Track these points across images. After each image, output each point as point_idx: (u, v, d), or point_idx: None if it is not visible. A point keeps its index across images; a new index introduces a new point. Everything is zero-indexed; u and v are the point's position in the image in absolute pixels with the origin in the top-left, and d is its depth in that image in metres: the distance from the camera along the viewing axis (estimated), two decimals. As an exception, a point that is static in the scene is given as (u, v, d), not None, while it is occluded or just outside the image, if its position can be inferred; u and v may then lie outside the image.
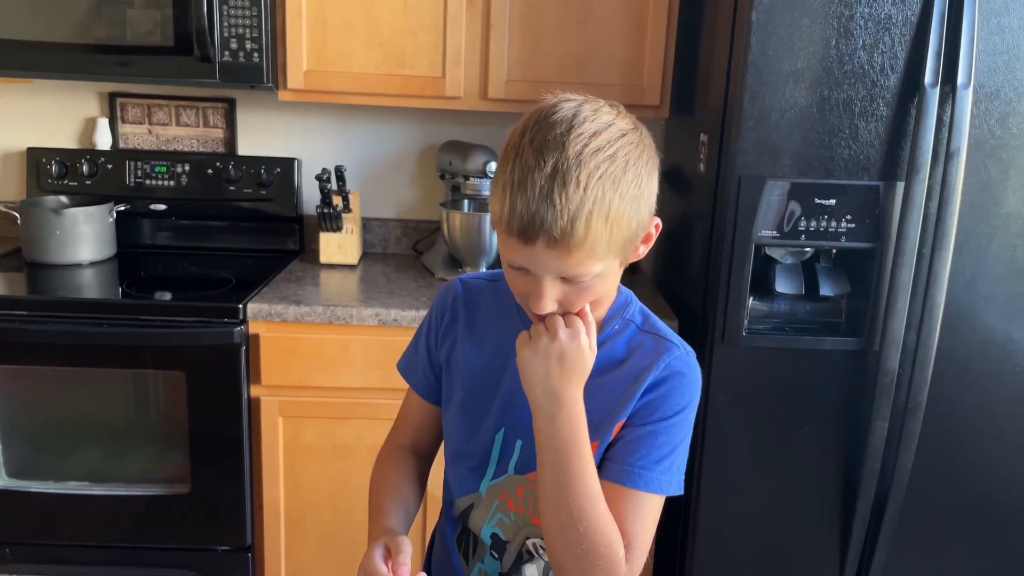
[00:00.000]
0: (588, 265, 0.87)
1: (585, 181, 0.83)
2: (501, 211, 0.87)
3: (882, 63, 1.66)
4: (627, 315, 1.03)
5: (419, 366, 1.13)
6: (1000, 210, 1.73)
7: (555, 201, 0.82)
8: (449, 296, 1.11)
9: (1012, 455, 1.85)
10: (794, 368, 1.81)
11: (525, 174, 0.84)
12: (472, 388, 1.06)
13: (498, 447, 1.04)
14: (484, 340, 1.07)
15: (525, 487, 1.03)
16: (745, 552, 1.89)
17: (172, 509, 2.00)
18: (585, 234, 0.84)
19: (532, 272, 0.89)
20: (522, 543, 1.07)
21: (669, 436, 0.97)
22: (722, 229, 1.77)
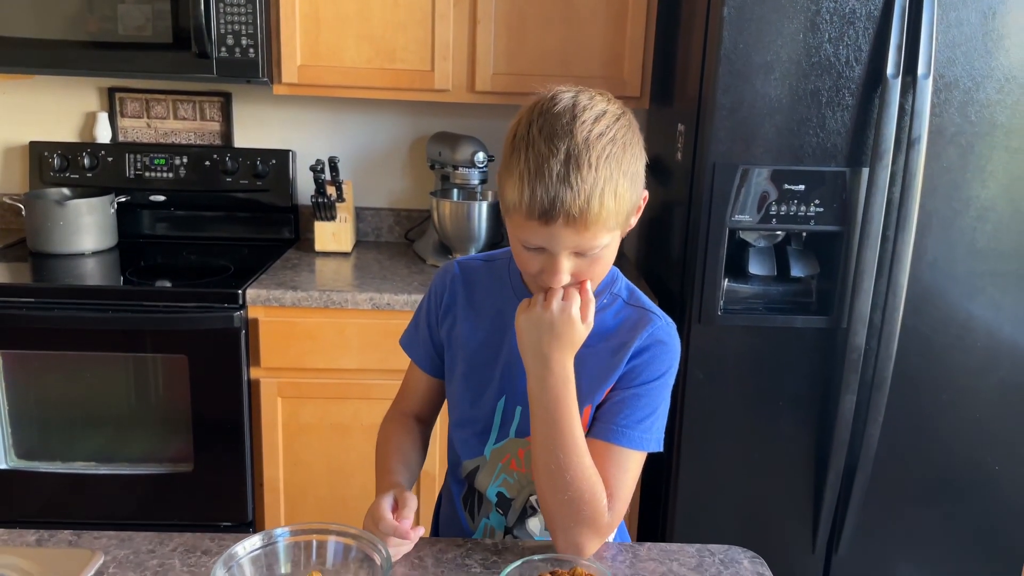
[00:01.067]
0: (600, 237, 0.97)
1: (595, 163, 0.93)
2: (520, 198, 0.94)
3: (847, 55, 1.75)
4: (614, 290, 1.13)
5: (420, 343, 1.21)
6: (960, 194, 1.82)
7: (572, 183, 0.92)
8: (447, 277, 1.19)
9: (973, 426, 1.95)
10: (767, 345, 1.90)
11: (540, 162, 0.93)
12: (473, 362, 1.14)
13: (499, 414, 1.13)
14: (482, 317, 1.15)
15: (526, 449, 1.13)
16: (723, 519, 1.99)
17: (176, 487, 2.09)
18: (599, 210, 0.93)
19: (549, 250, 0.98)
20: (526, 499, 1.16)
21: (651, 398, 1.07)
22: (698, 214, 1.86)
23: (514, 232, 1.00)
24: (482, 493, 1.18)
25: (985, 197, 1.83)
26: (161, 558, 0.98)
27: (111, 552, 0.99)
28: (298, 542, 0.91)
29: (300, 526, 0.91)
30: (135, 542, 1.01)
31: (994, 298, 1.88)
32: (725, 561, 1.03)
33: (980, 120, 1.79)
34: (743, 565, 1.02)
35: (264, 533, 0.89)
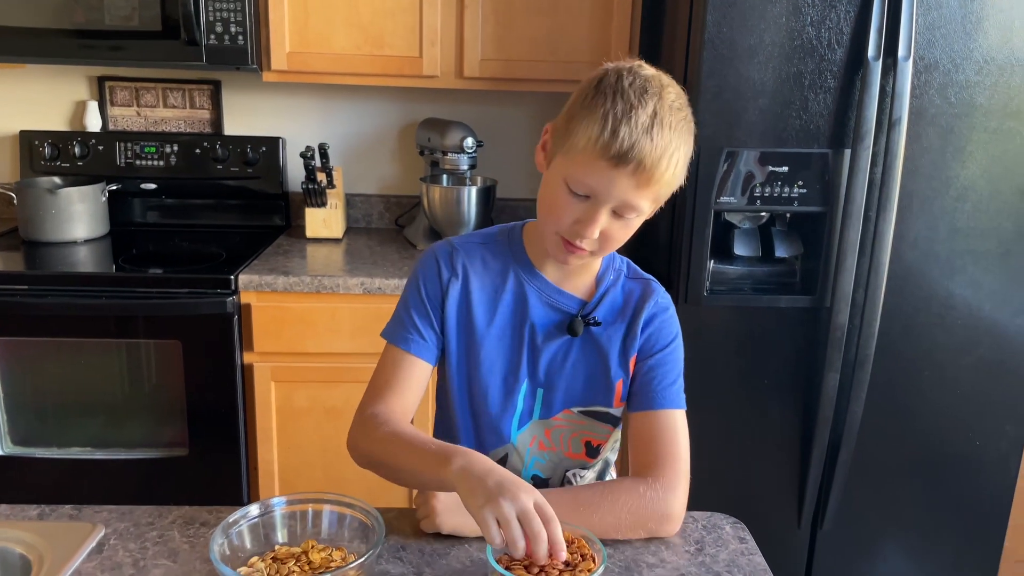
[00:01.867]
0: (648, 199, 1.01)
1: (675, 128, 0.99)
2: (599, 135, 0.97)
3: (829, 38, 1.78)
4: (616, 266, 1.19)
5: (417, 328, 1.13)
6: (940, 175, 1.86)
7: (654, 136, 0.97)
8: (446, 255, 1.15)
9: (954, 402, 1.99)
10: (752, 325, 1.94)
11: (629, 108, 0.97)
12: (492, 347, 1.15)
13: (523, 398, 1.15)
14: (496, 301, 1.14)
15: (552, 429, 1.16)
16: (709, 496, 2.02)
17: (171, 472, 2.11)
18: (664, 171, 0.99)
19: (596, 198, 1.00)
20: (562, 476, 1.20)
21: (674, 361, 1.16)
22: (684, 197, 1.89)
23: (569, 172, 1.00)
24: None
25: (965, 177, 1.86)
26: (161, 530, 1.01)
27: (112, 525, 1.01)
28: (294, 511, 0.94)
29: (296, 495, 0.94)
30: (135, 515, 1.04)
31: (974, 277, 1.91)
32: (707, 527, 1.06)
33: (959, 101, 1.82)
34: (725, 530, 1.06)
35: (261, 503, 0.92)
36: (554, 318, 1.14)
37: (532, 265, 1.15)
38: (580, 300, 1.15)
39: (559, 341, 1.14)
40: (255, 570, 0.87)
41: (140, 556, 0.95)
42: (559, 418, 1.16)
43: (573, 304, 1.15)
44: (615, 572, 0.96)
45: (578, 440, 1.18)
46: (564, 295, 1.15)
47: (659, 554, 1.00)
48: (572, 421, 1.16)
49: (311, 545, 0.91)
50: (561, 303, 1.15)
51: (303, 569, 0.86)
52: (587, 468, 1.21)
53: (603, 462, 1.25)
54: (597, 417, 1.16)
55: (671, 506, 1.04)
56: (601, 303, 1.15)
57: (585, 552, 0.89)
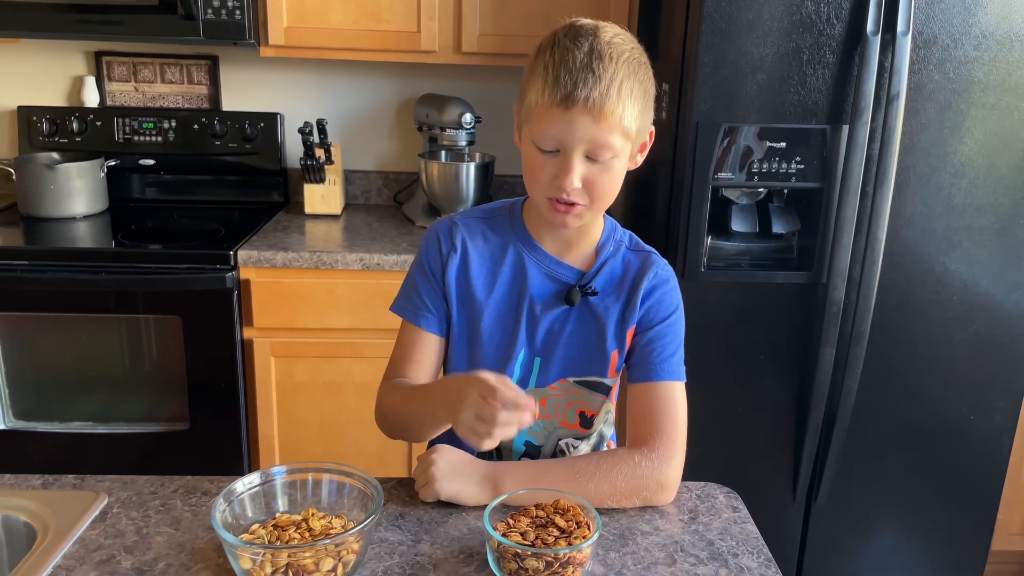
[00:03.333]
0: (614, 135, 1.00)
1: (616, 59, 0.99)
2: (543, 87, 1.00)
3: (828, 13, 1.77)
4: (617, 238, 1.19)
5: (423, 304, 1.17)
6: (938, 150, 1.86)
7: (594, 70, 0.98)
8: (448, 230, 1.18)
9: (948, 378, 2.00)
10: (749, 301, 1.95)
11: (565, 54, 0.99)
12: (495, 318, 1.16)
13: (520, 367, 1.17)
14: (496, 272, 1.17)
15: (548, 397, 1.18)
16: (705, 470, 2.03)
17: (173, 445, 2.13)
18: (616, 101, 0.99)
19: (564, 148, 1.01)
20: (555, 445, 1.21)
21: (674, 333, 1.17)
22: (682, 173, 1.89)
23: (533, 132, 1.03)
24: (505, 446, 1.20)
25: (962, 153, 1.86)
26: (163, 499, 1.02)
27: (114, 494, 1.03)
28: (295, 480, 0.95)
29: (297, 464, 0.96)
30: (137, 484, 1.05)
31: (970, 253, 1.92)
32: (701, 496, 1.08)
33: (958, 77, 1.82)
34: (718, 500, 1.07)
35: (262, 471, 0.94)
36: (552, 288, 1.16)
37: (531, 238, 1.17)
38: (579, 271, 1.16)
39: (557, 311, 1.15)
40: (256, 537, 0.88)
41: (143, 524, 0.97)
42: (555, 387, 1.17)
43: (571, 275, 1.16)
44: (609, 540, 0.97)
45: (572, 410, 1.19)
46: (563, 266, 1.16)
47: (653, 522, 1.01)
48: (567, 390, 1.18)
49: (311, 513, 0.92)
50: (560, 274, 1.16)
51: (303, 536, 0.88)
52: (580, 439, 1.22)
53: (598, 435, 1.26)
54: (591, 387, 1.18)
55: (666, 475, 1.06)
56: (600, 273, 1.16)
57: (580, 520, 0.90)
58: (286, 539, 0.87)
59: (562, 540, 0.87)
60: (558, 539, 0.87)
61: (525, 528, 0.89)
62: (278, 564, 0.81)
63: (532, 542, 0.86)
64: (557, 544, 0.86)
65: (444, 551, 0.94)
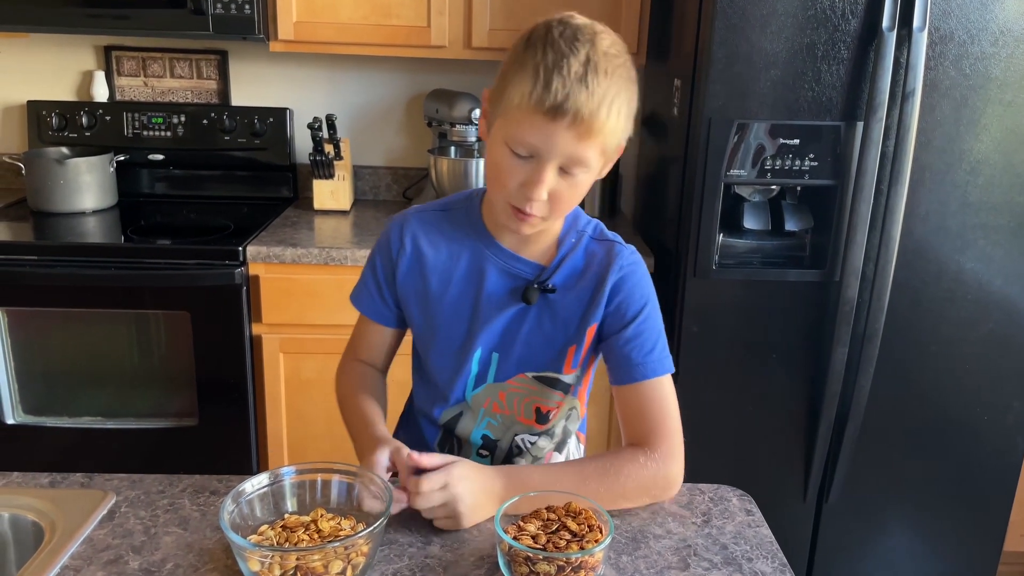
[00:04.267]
0: (594, 151, 0.96)
1: (611, 74, 0.94)
2: (531, 90, 0.93)
3: (843, 8, 1.75)
4: (579, 228, 1.14)
5: (372, 297, 1.19)
6: (953, 148, 1.84)
7: (588, 84, 0.93)
8: (402, 228, 1.15)
9: (962, 377, 1.98)
10: (761, 299, 1.93)
11: (560, 58, 0.93)
12: (450, 314, 1.14)
13: (477, 363, 1.15)
14: (452, 268, 1.13)
15: (507, 392, 1.16)
16: (717, 469, 2.04)
17: (181, 441, 2.13)
18: (605, 120, 0.94)
19: (539, 157, 0.96)
20: (511, 440, 1.19)
21: (650, 326, 1.10)
22: (694, 170, 1.87)
23: (508, 133, 0.97)
24: (463, 438, 1.20)
25: (978, 151, 1.84)
26: (171, 498, 1.02)
27: (122, 493, 1.02)
28: (303, 480, 0.94)
29: (305, 465, 0.95)
30: (146, 483, 1.04)
31: (985, 251, 1.90)
32: (714, 499, 1.06)
33: (974, 73, 1.80)
34: (732, 503, 1.06)
35: (271, 472, 0.93)
36: (510, 285, 1.12)
37: (489, 233, 1.12)
38: (538, 266, 1.12)
39: (514, 308, 1.11)
40: (265, 538, 0.87)
41: (151, 524, 0.96)
42: (513, 382, 1.15)
43: (530, 270, 1.11)
44: (621, 543, 0.96)
45: (529, 405, 1.17)
46: (521, 261, 1.12)
47: (665, 525, 1.00)
48: (525, 385, 1.15)
49: (320, 514, 0.91)
50: (518, 269, 1.12)
51: (312, 538, 0.87)
52: (537, 435, 1.20)
53: (562, 432, 1.23)
54: (548, 383, 1.15)
55: (671, 472, 1.05)
56: (559, 268, 1.11)
57: (592, 523, 0.89)
58: (295, 541, 0.86)
59: (574, 544, 0.85)
60: (570, 543, 0.86)
61: (536, 531, 0.87)
62: (287, 567, 0.80)
63: (544, 546, 0.85)
64: (569, 548, 0.85)
65: (454, 553, 0.93)
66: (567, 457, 1.26)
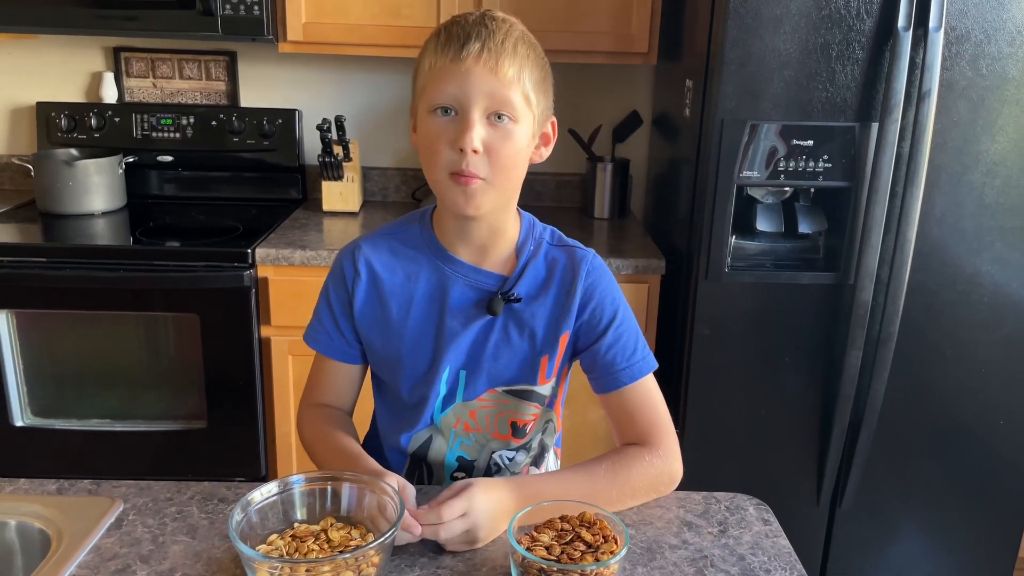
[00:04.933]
0: (515, 92, 0.97)
1: (511, 26, 1.00)
2: (435, 51, 0.98)
3: (857, 7, 1.73)
4: (536, 235, 1.12)
5: (331, 333, 1.14)
6: (970, 149, 1.81)
7: (487, 25, 0.98)
8: (354, 258, 1.12)
9: (978, 381, 1.96)
10: (774, 302, 1.91)
11: (454, 21, 0.99)
12: (413, 338, 1.10)
13: (445, 383, 1.11)
14: (410, 291, 1.10)
15: (477, 410, 1.13)
16: (729, 473, 2.02)
17: (190, 444, 2.12)
18: (513, 55, 0.96)
19: (462, 105, 0.96)
20: (488, 458, 1.16)
21: (626, 329, 1.10)
22: (706, 171, 1.85)
23: (428, 99, 0.98)
24: (433, 464, 1.16)
25: (995, 152, 1.82)
26: (179, 505, 1.00)
27: (130, 500, 1.01)
28: (313, 489, 0.93)
29: (315, 473, 0.93)
30: (154, 490, 1.03)
31: (1001, 254, 1.87)
32: (731, 508, 1.05)
33: (991, 74, 1.77)
34: (748, 512, 1.04)
35: (280, 480, 0.91)
36: (472, 298, 1.09)
37: (444, 249, 1.09)
38: (500, 276, 1.09)
39: (480, 322, 1.09)
40: (274, 548, 0.86)
41: (159, 532, 0.95)
42: (483, 398, 1.12)
43: (492, 282, 1.09)
44: (636, 554, 0.94)
45: (503, 420, 1.14)
46: (482, 273, 1.09)
47: (681, 535, 0.98)
48: (497, 401, 1.12)
49: (330, 523, 0.90)
50: (480, 282, 1.09)
51: (322, 548, 0.86)
52: (514, 450, 1.17)
53: (538, 446, 1.21)
54: (522, 396, 1.12)
55: (675, 469, 1.07)
56: (522, 277, 1.08)
57: (607, 534, 0.87)
58: (304, 551, 0.85)
59: (589, 555, 0.84)
60: (584, 554, 0.84)
61: (550, 542, 0.86)
62: (297, 577, 0.79)
63: (558, 557, 0.83)
64: (584, 559, 0.83)
65: (467, 564, 0.91)
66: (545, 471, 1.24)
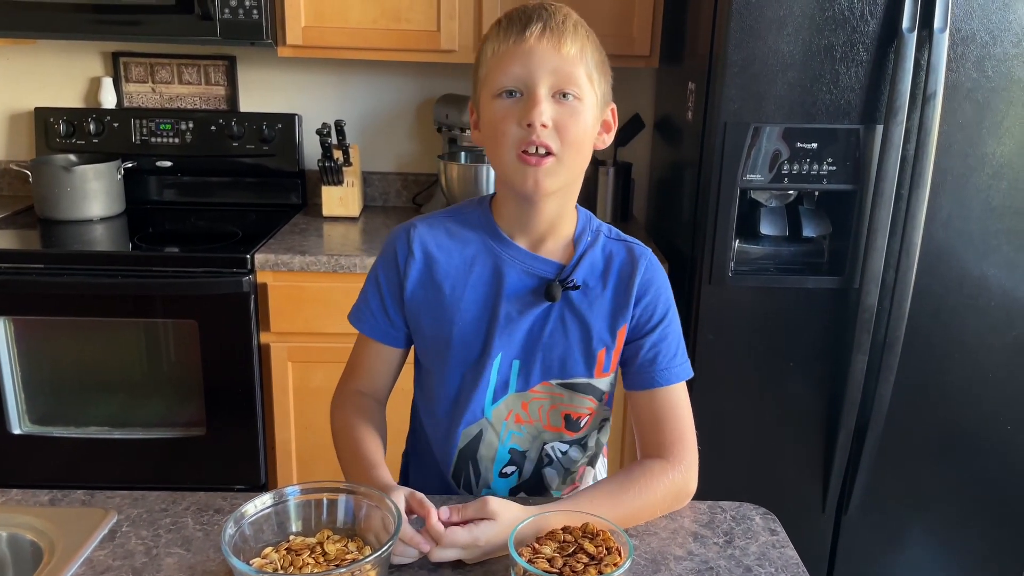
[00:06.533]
0: (579, 68, 0.98)
1: (568, 12, 1.02)
2: (497, 34, 1.00)
3: (862, 9, 1.71)
4: (593, 228, 1.12)
5: (376, 314, 1.13)
6: (975, 151, 1.79)
7: (547, 7, 1.00)
8: (409, 238, 1.11)
9: (984, 385, 1.93)
10: (779, 306, 1.89)
11: (511, 12, 1.01)
12: (467, 323, 1.09)
13: (496, 372, 1.09)
14: (467, 273, 1.09)
15: (530, 402, 1.11)
16: (734, 478, 2.00)
17: (189, 451, 2.10)
18: (574, 33, 0.98)
19: (527, 83, 0.98)
20: (540, 449, 1.14)
21: (673, 331, 1.11)
22: (709, 174, 1.84)
23: (492, 84, 1.00)
24: (482, 460, 1.13)
25: (1001, 154, 1.80)
26: (174, 517, 0.99)
27: (124, 511, 0.99)
28: (309, 500, 0.91)
29: (311, 484, 0.91)
30: (148, 501, 1.01)
31: (1009, 257, 1.85)
32: (737, 518, 1.03)
33: (997, 75, 1.76)
34: (755, 521, 1.02)
35: (275, 492, 0.89)
36: (530, 284, 1.08)
37: (503, 234, 1.09)
38: (557, 264, 1.08)
39: (536, 310, 1.07)
40: (268, 561, 0.84)
41: (153, 544, 0.93)
42: (537, 390, 1.10)
43: (550, 269, 1.08)
44: (641, 565, 0.92)
45: (557, 413, 1.12)
46: (540, 260, 1.08)
47: (687, 546, 0.96)
48: (551, 393, 1.11)
49: (326, 536, 0.88)
50: (537, 269, 1.08)
51: (318, 561, 0.84)
52: (568, 443, 1.15)
53: (595, 445, 1.19)
54: (577, 389, 1.11)
55: (692, 486, 1.06)
56: (579, 265, 1.07)
57: (611, 545, 0.85)
58: (300, 564, 0.83)
59: (592, 568, 0.82)
60: (587, 566, 0.82)
61: (552, 554, 0.84)
62: (292, 592, 0.77)
63: (560, 570, 0.82)
64: (587, 572, 0.81)
65: (466, 576, 0.89)
66: (597, 474, 1.23)
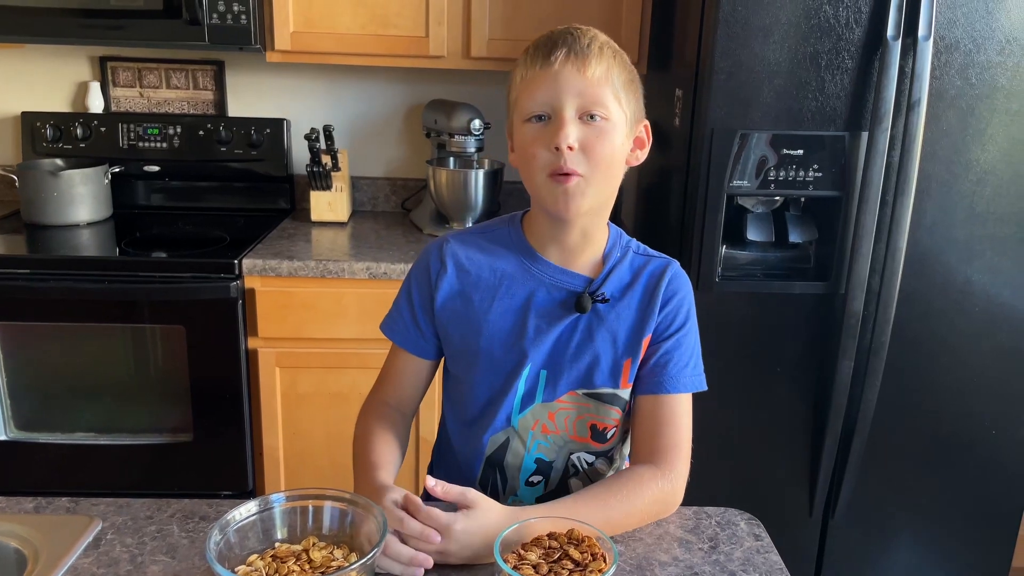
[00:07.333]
0: (605, 90, 1.01)
1: (596, 34, 1.04)
2: (527, 59, 1.03)
3: (847, 17, 1.73)
4: (623, 244, 1.15)
5: (407, 326, 1.17)
6: (959, 158, 1.81)
7: (572, 32, 1.03)
8: (442, 252, 1.15)
9: (970, 390, 1.95)
10: (765, 312, 1.90)
11: (539, 38, 1.04)
12: (498, 336, 1.12)
13: (524, 382, 1.11)
14: (496, 287, 1.12)
15: (556, 412, 1.13)
16: (720, 483, 2.00)
17: (176, 457, 2.09)
18: (600, 55, 1.01)
19: (555, 107, 1.00)
20: (566, 458, 1.16)
21: (690, 341, 1.13)
22: (696, 181, 1.84)
23: (523, 108, 1.03)
24: (509, 468, 1.15)
25: (985, 161, 1.81)
26: (159, 524, 0.98)
27: (109, 519, 0.99)
28: (294, 507, 0.91)
29: (296, 491, 0.91)
30: (133, 508, 1.01)
31: (992, 262, 1.87)
32: (721, 523, 1.03)
33: (981, 83, 1.77)
34: (740, 527, 1.02)
35: (261, 499, 0.89)
36: (558, 297, 1.11)
37: (533, 249, 1.13)
38: (586, 278, 1.12)
39: (564, 322, 1.11)
40: (254, 569, 0.84)
41: (138, 552, 0.93)
42: (564, 400, 1.12)
43: (578, 283, 1.12)
44: (626, 571, 0.93)
45: (583, 423, 1.14)
46: (568, 274, 1.12)
47: (671, 551, 0.97)
48: (577, 403, 1.13)
49: (312, 543, 0.88)
50: (566, 283, 1.12)
51: (303, 568, 0.84)
52: (594, 454, 1.17)
53: (619, 458, 1.21)
54: (603, 399, 1.13)
55: (680, 492, 1.07)
56: (608, 279, 1.11)
57: (596, 551, 0.86)
58: (285, 571, 0.83)
59: (577, 573, 0.82)
60: (573, 572, 0.82)
61: (537, 560, 0.84)
62: (277, 599, 0.77)
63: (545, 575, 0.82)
64: (571, 578, 0.81)
65: (452, 583, 0.90)
66: None
